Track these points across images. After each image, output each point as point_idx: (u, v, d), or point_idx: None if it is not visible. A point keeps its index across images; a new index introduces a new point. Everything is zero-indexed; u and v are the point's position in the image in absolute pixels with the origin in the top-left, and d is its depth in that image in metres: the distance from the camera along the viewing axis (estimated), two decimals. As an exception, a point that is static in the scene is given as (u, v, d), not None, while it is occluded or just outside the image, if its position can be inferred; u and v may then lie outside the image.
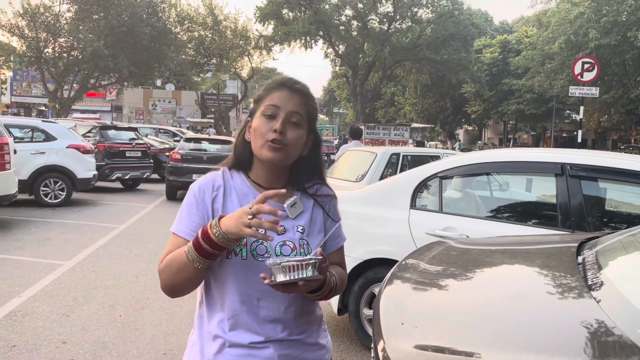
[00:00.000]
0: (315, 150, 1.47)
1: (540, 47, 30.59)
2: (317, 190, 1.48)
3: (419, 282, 1.76)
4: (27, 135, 10.20)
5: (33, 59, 25.65)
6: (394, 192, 3.90)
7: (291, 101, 1.37)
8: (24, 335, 3.82)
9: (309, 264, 1.20)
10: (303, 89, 1.40)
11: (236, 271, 1.34)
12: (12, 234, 7.27)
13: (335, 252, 1.50)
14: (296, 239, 1.38)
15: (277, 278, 1.19)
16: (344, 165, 7.91)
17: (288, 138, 1.34)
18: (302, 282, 1.21)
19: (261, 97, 1.40)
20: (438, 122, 51.05)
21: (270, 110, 1.36)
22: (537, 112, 40.38)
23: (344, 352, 3.81)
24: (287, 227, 1.39)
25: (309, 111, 1.41)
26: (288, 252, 1.35)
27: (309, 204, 1.46)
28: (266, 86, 1.43)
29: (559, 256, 1.93)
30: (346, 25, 35.80)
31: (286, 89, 1.38)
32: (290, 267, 1.19)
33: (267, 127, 1.34)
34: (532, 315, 1.43)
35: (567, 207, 3.28)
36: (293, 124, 1.36)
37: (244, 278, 1.33)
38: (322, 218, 1.46)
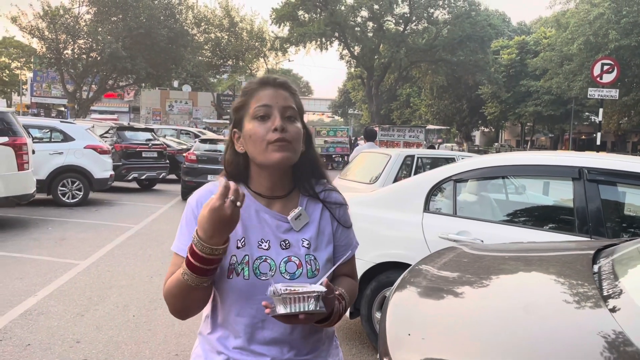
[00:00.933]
0: (310, 144, 1.39)
1: (558, 48, 30.21)
2: (327, 196, 1.39)
3: (427, 291, 1.73)
4: (46, 136, 10.34)
5: (53, 60, 26.05)
6: (407, 195, 3.87)
7: (280, 97, 1.29)
8: (38, 334, 3.86)
9: (312, 297, 1.12)
10: (286, 83, 1.33)
11: (238, 292, 1.25)
12: (30, 233, 7.37)
13: (347, 262, 1.39)
14: (302, 255, 1.29)
15: (278, 310, 1.12)
16: (358, 167, 7.88)
17: (290, 133, 1.26)
18: (304, 316, 1.12)
19: (244, 103, 1.32)
20: (454, 124, 50.68)
21: (261, 111, 1.27)
22: (556, 114, 39.88)
23: (355, 356, 3.79)
24: (292, 241, 1.30)
25: (298, 103, 1.33)
26: (293, 269, 1.26)
27: (317, 212, 1.36)
28: (245, 91, 1.33)
29: (574, 264, 1.88)
30: (362, 27, 35.73)
31: (269, 86, 1.30)
32: (291, 299, 1.11)
33: (265, 128, 1.25)
34: (543, 327, 1.38)
35: (584, 212, 3.22)
36: (289, 118, 1.28)
37: (247, 299, 1.24)
38: (330, 228, 1.36)
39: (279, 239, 1.29)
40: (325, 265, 1.30)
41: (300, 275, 1.26)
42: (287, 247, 1.29)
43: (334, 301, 1.22)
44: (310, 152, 1.37)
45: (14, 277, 5.22)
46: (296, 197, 1.36)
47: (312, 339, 1.31)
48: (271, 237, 1.29)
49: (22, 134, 7.65)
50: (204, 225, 1.11)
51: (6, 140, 7.39)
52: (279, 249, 1.28)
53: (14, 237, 7.04)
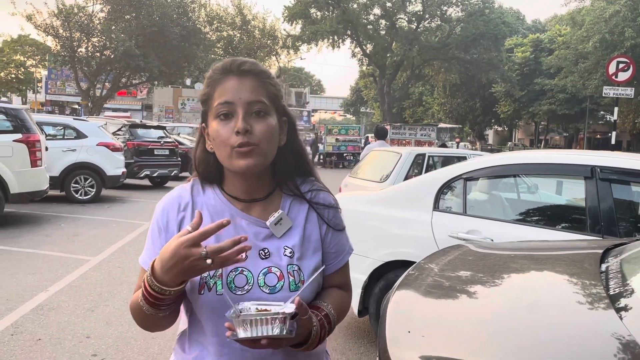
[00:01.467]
0: (293, 134, 1.20)
1: (573, 46, 29.88)
2: (314, 196, 1.21)
3: (430, 289, 1.70)
4: (59, 133, 10.44)
5: (67, 58, 26.33)
6: (417, 193, 3.84)
7: (245, 89, 1.08)
8: (49, 329, 3.89)
9: (277, 319, 0.96)
10: (254, 68, 1.12)
11: (211, 309, 1.09)
12: (43, 229, 7.45)
13: (337, 271, 1.23)
14: (283, 265, 1.11)
15: (239, 333, 0.97)
16: (368, 165, 7.86)
17: (257, 134, 1.07)
18: (266, 340, 0.96)
19: (207, 96, 1.13)
20: (467, 123, 50.37)
21: (223, 109, 1.08)
22: (570, 112, 39.46)
23: (364, 354, 3.77)
24: (272, 249, 1.13)
25: (270, 93, 1.12)
26: (274, 282, 1.09)
27: (302, 215, 1.18)
28: (208, 79, 1.14)
29: (581, 263, 1.84)
30: (374, 25, 35.62)
31: (233, 75, 1.10)
32: (251, 322, 0.96)
33: (228, 130, 1.07)
34: (546, 326, 1.36)
35: (596, 212, 3.17)
36: (257, 114, 1.08)
37: (222, 316, 1.04)
38: (318, 232, 1.18)
39: (257, 247, 1.12)
40: (311, 276, 1.13)
41: (281, 288, 1.09)
42: (267, 256, 1.12)
43: (310, 323, 1.05)
44: (293, 144, 1.19)
45: (26, 272, 5.28)
46: (278, 198, 1.19)
47: (297, 357, 1.13)
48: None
49: (35, 131, 7.73)
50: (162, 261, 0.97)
51: (20, 137, 7.47)
52: (258, 259, 1.11)
53: (27, 233, 7.12)
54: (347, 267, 1.26)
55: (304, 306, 1.01)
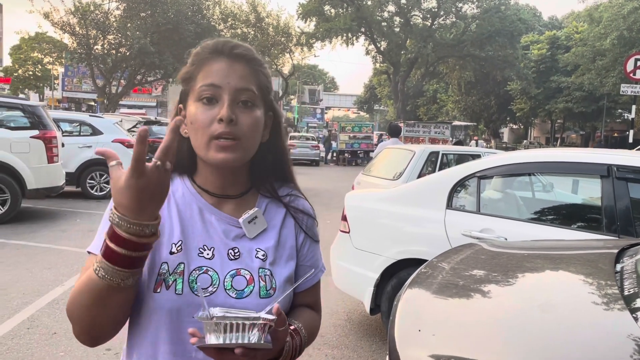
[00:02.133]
0: (277, 132, 1.09)
1: (591, 43, 29.49)
2: (292, 201, 1.11)
3: (441, 287, 1.69)
4: (75, 129, 10.56)
5: (83, 56, 26.59)
6: (430, 191, 3.82)
7: (234, 74, 0.97)
8: (64, 323, 3.94)
9: (256, 326, 0.83)
10: (247, 53, 1.00)
11: (167, 311, 0.94)
12: (59, 224, 7.55)
13: (310, 288, 1.11)
14: (255, 268, 1.00)
15: (208, 339, 0.82)
16: (381, 163, 7.84)
17: (241, 127, 0.96)
18: (242, 350, 0.82)
19: (191, 74, 1.01)
20: (482, 120, 49.97)
21: (208, 91, 0.96)
22: (587, 110, 38.95)
23: (375, 352, 3.77)
24: (243, 250, 1.01)
25: (261, 83, 1.01)
26: (242, 286, 0.97)
27: (278, 219, 1.08)
28: (194, 56, 1.02)
29: (595, 263, 1.82)
30: (388, 22, 35.46)
31: (223, 57, 0.99)
32: (227, 326, 0.82)
33: (209, 116, 0.95)
34: (559, 326, 1.34)
35: (612, 211, 3.13)
36: (244, 104, 0.97)
37: (178, 321, 0.94)
38: (293, 240, 1.08)
39: (226, 246, 1.01)
40: (283, 285, 1.02)
41: (250, 293, 0.97)
42: (237, 257, 1.00)
43: (286, 336, 0.92)
44: (275, 143, 1.09)
45: (43, 267, 5.35)
46: (253, 198, 1.09)
47: None
48: (217, 244, 1.00)
49: (52, 128, 7.82)
50: (123, 200, 0.82)
51: (37, 133, 7.57)
52: (226, 259, 0.99)
53: (44, 228, 7.22)
54: (319, 287, 1.16)
55: (282, 316, 0.88)
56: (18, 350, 3.45)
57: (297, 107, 51.05)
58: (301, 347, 1.01)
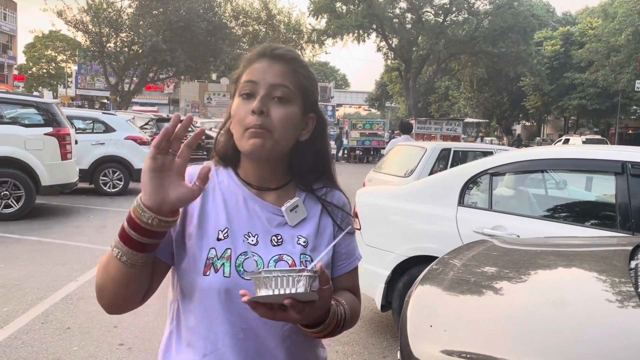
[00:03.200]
0: (320, 135, 1.15)
1: (605, 39, 29.17)
2: (327, 194, 1.17)
3: (453, 283, 1.68)
4: (88, 127, 10.66)
5: (96, 54, 26.85)
6: (442, 188, 3.80)
7: (272, 72, 1.05)
8: (78, 318, 3.99)
9: (300, 278, 0.87)
10: (287, 54, 1.08)
11: (217, 292, 1.02)
12: (72, 220, 7.63)
13: (347, 274, 1.18)
14: (296, 253, 1.07)
15: (258, 292, 0.88)
16: (393, 160, 7.81)
17: (272, 119, 1.03)
18: (290, 301, 0.87)
19: (238, 75, 1.11)
20: (494, 117, 49.63)
21: (247, 87, 1.05)
22: (601, 107, 38.51)
23: (386, 349, 3.76)
24: (285, 237, 1.08)
25: (299, 82, 1.08)
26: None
27: (316, 209, 1.15)
28: (244, 60, 1.12)
29: (609, 260, 1.80)
30: (400, 18, 35.34)
31: (265, 58, 1.07)
32: (274, 280, 0.86)
33: (245, 110, 1.04)
34: (573, 324, 1.33)
35: (627, 208, 3.09)
36: (278, 100, 1.04)
37: (227, 302, 1.02)
38: (332, 229, 1.14)
39: (269, 233, 1.07)
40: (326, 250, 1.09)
41: None
42: (279, 243, 1.07)
43: (330, 294, 0.96)
44: (316, 144, 1.14)
45: (56, 262, 5.41)
46: (292, 191, 1.15)
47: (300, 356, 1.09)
48: (260, 231, 1.07)
49: (65, 125, 7.90)
50: (143, 186, 0.91)
51: (50, 130, 7.65)
52: (269, 245, 1.06)
53: (57, 224, 7.30)
54: (357, 273, 1.22)
55: (325, 273, 0.92)
56: (32, 344, 3.50)
57: (308, 104, 50.96)
58: (345, 319, 1.06)
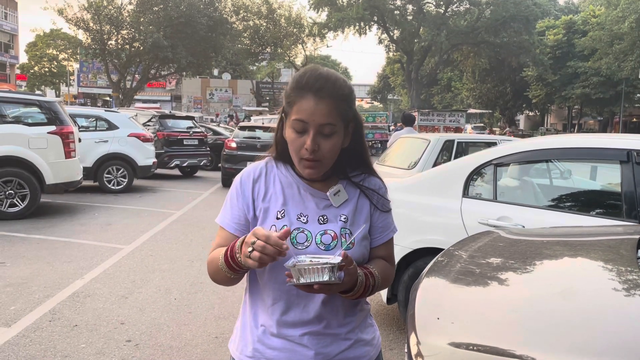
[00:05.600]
0: (359, 136, 1.38)
1: (608, 27, 28.95)
2: (364, 180, 1.42)
3: (459, 275, 1.67)
4: (92, 124, 10.67)
5: (98, 51, 26.83)
6: (446, 180, 3.79)
7: (318, 112, 1.25)
8: (85, 315, 4.01)
9: (326, 268, 1.14)
10: (330, 91, 1.27)
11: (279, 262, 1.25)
12: (77, 218, 7.65)
13: (382, 245, 1.43)
14: (338, 228, 1.33)
15: (295, 280, 1.17)
16: (396, 152, 7.79)
17: (323, 152, 1.28)
18: (319, 285, 1.16)
19: (289, 102, 1.30)
20: (497, 108, 49.43)
21: (298, 126, 1.27)
22: (605, 96, 38.28)
23: (392, 341, 3.77)
24: (330, 216, 1.35)
25: (342, 112, 1.29)
26: (329, 241, 1.31)
27: (355, 193, 1.40)
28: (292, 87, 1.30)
29: (616, 249, 1.78)
30: (401, 10, 35.16)
31: (311, 95, 1.26)
32: (305, 270, 1.15)
33: (299, 143, 1.28)
34: (581, 313, 1.32)
35: (633, 197, 3.07)
36: (325, 136, 1.27)
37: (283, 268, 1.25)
38: (368, 208, 1.40)
39: (317, 214, 1.34)
40: (361, 241, 1.34)
41: (335, 246, 1.30)
42: (325, 221, 1.34)
43: (355, 272, 1.23)
44: (357, 143, 1.38)
45: (63, 260, 5.43)
46: (336, 179, 1.40)
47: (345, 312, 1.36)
48: (310, 212, 1.34)
49: (68, 123, 7.91)
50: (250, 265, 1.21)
51: (54, 129, 7.66)
52: (317, 223, 1.33)
53: (63, 222, 7.32)
54: (392, 243, 1.45)
55: (349, 258, 1.18)
56: (40, 342, 3.51)
57: (311, 98, 50.90)
58: (374, 285, 1.32)
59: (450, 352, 1.24)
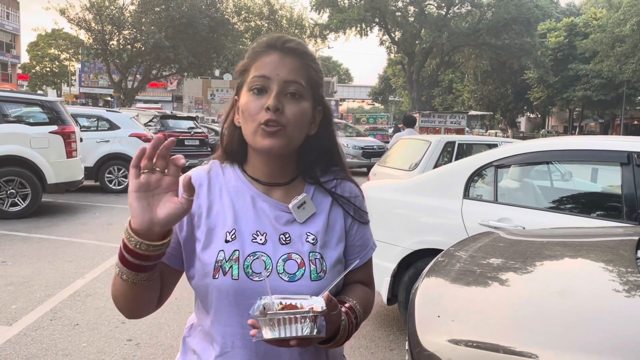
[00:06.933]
0: (327, 126, 1.14)
1: (610, 29, 28.98)
2: (337, 186, 1.15)
3: (460, 275, 1.68)
4: (93, 124, 10.69)
5: (99, 51, 26.85)
6: (447, 181, 3.80)
7: (285, 67, 1.03)
8: (86, 314, 4.02)
9: (306, 318, 0.88)
10: (299, 48, 1.07)
11: (225, 296, 1.02)
12: (78, 218, 7.66)
13: (362, 266, 1.16)
14: (305, 252, 1.05)
15: (264, 333, 0.88)
16: (397, 153, 7.81)
17: (287, 116, 1.02)
18: (296, 341, 0.89)
19: (246, 67, 1.08)
20: (498, 110, 49.43)
21: (258, 82, 1.03)
22: (606, 98, 38.29)
23: (393, 342, 3.78)
24: (294, 235, 1.06)
25: (310, 76, 1.07)
26: (294, 270, 1.03)
27: (326, 203, 1.12)
28: (251, 51, 1.09)
29: (615, 250, 1.80)
30: (402, 11, 35.18)
31: (276, 51, 1.05)
32: (280, 320, 0.87)
33: (258, 105, 1.02)
34: (580, 313, 1.33)
35: (633, 199, 3.08)
36: (291, 96, 1.03)
37: (236, 304, 1.01)
38: (342, 223, 1.12)
39: (278, 231, 1.06)
40: (333, 267, 1.07)
41: (301, 276, 1.03)
42: (288, 242, 1.06)
43: (339, 319, 0.98)
44: (323, 136, 1.13)
45: (64, 260, 5.44)
46: (301, 185, 1.13)
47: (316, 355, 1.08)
48: (269, 230, 1.06)
49: (70, 123, 7.92)
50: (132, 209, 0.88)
51: (55, 128, 7.68)
52: (278, 244, 1.05)
53: (64, 222, 7.34)
54: (371, 263, 1.20)
55: (333, 301, 0.94)
56: (41, 341, 3.52)
57: (312, 99, 50.94)
58: (357, 323, 1.07)
59: (450, 349, 1.25)
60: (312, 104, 1.08)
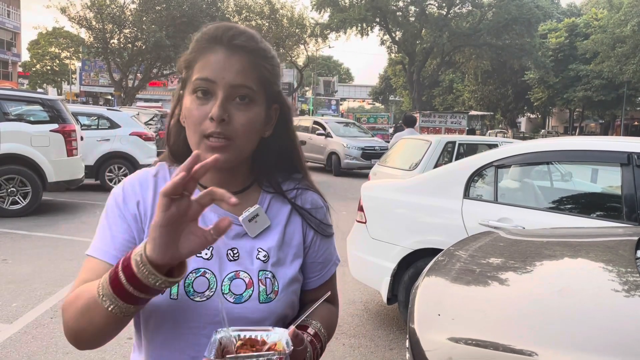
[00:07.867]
0: (285, 126, 1.01)
1: (610, 30, 28.99)
2: (298, 197, 1.03)
3: (460, 274, 1.69)
4: (93, 123, 10.70)
5: (100, 50, 26.83)
6: (447, 181, 3.81)
7: (231, 68, 0.89)
8: (86, 312, 4.02)
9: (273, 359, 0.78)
10: (248, 44, 0.92)
11: (161, 316, 0.89)
12: (79, 216, 7.67)
13: (326, 282, 1.05)
14: (254, 271, 0.93)
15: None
16: (397, 153, 7.82)
17: (234, 126, 0.89)
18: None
19: (190, 62, 0.93)
20: (499, 110, 49.46)
21: (202, 85, 0.89)
22: (606, 99, 38.33)
23: (393, 341, 3.78)
24: (242, 250, 0.94)
25: (262, 76, 0.93)
26: (241, 290, 0.91)
27: (283, 214, 1.00)
28: (195, 44, 0.94)
29: (615, 250, 1.81)
30: (403, 11, 35.20)
31: (222, 47, 0.90)
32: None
33: (202, 112, 0.89)
34: (579, 311, 1.34)
35: (633, 199, 3.09)
36: (240, 100, 0.90)
37: (174, 328, 0.89)
38: (300, 237, 1.00)
39: (226, 246, 0.94)
40: (287, 287, 0.95)
41: (248, 297, 0.91)
42: (236, 258, 0.94)
43: (305, 353, 0.88)
44: (281, 137, 1.01)
45: (65, 258, 5.45)
46: (255, 194, 1.01)
47: None
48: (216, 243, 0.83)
49: (71, 121, 7.93)
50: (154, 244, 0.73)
51: (56, 127, 7.68)
52: (225, 259, 0.93)
53: (64, 220, 7.34)
54: (334, 279, 1.09)
55: (300, 337, 0.84)
56: (42, 339, 3.53)
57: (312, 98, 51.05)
58: (322, 348, 0.97)
59: (450, 347, 1.26)
60: (265, 105, 0.95)
